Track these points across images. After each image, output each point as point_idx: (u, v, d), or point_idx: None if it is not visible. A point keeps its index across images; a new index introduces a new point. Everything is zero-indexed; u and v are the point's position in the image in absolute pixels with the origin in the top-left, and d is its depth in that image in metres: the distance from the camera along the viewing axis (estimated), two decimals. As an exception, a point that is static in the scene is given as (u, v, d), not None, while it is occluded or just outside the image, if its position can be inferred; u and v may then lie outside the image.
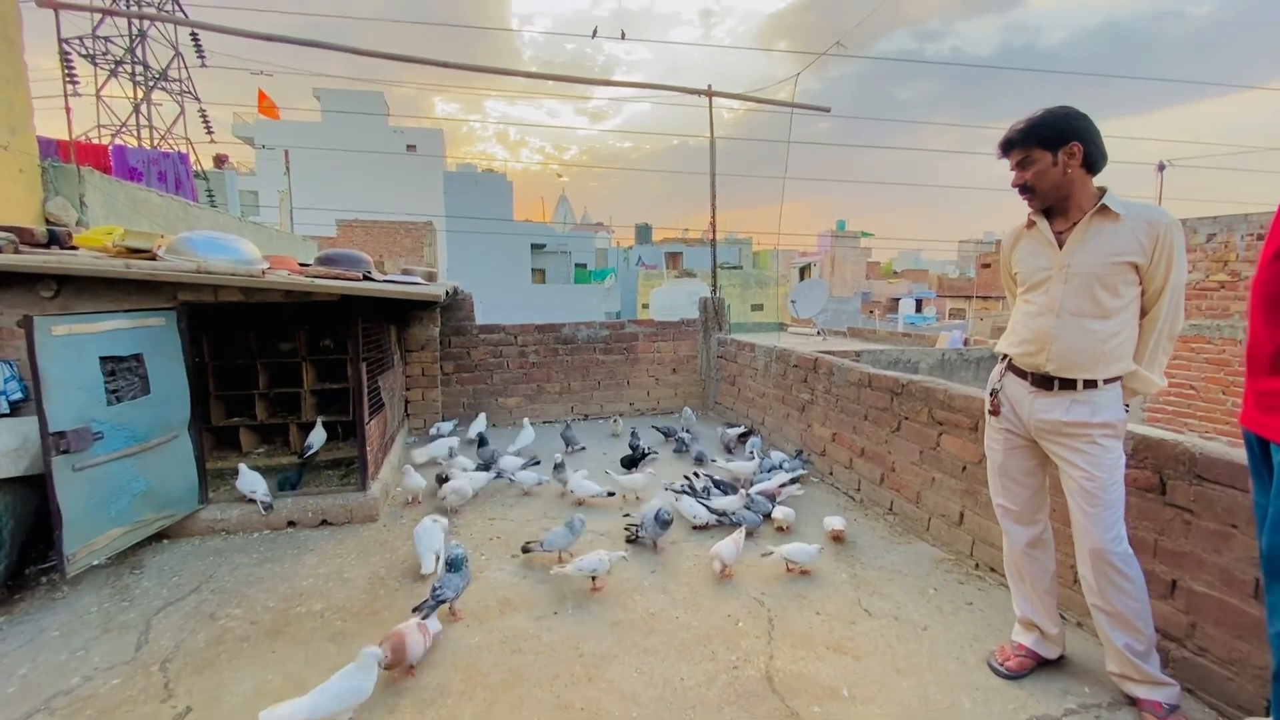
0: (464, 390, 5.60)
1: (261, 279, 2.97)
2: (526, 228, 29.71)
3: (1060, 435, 2.00)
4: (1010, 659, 2.18)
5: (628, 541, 3.18)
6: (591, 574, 2.70)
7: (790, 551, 2.84)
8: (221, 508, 3.36)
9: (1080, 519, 1.97)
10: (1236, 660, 1.92)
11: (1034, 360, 2.03)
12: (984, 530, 2.90)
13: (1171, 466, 2.10)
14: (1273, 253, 1.10)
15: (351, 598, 2.69)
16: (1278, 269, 1.08)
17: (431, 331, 5.28)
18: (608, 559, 2.71)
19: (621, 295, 28.60)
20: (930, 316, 36.91)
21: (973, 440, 2.95)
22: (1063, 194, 1.98)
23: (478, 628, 2.47)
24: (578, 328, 5.78)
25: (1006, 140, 2.02)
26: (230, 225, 8.20)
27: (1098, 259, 1.92)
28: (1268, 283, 1.11)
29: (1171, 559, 2.10)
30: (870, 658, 2.26)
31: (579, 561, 2.70)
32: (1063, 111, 1.95)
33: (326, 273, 3.21)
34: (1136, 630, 1.94)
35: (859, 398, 3.78)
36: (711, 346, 5.83)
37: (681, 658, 2.27)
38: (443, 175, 29.14)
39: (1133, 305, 1.94)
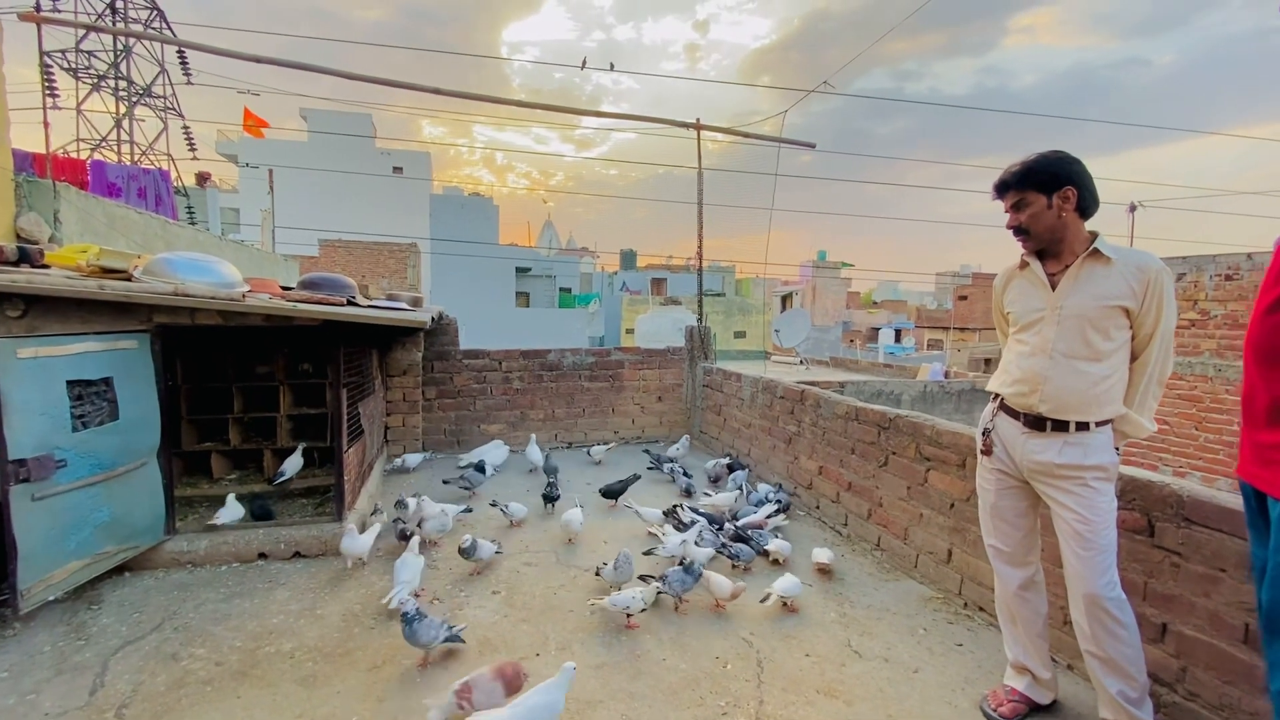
0: (446, 416, 5.50)
1: (242, 303, 2.89)
2: (512, 251, 29.75)
3: (1053, 477, 2.00)
4: (1004, 705, 2.14)
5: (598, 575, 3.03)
6: (626, 610, 2.64)
7: (787, 588, 2.80)
8: (189, 538, 3.22)
9: (1074, 562, 1.96)
10: (1227, 705, 1.91)
11: (1027, 401, 2.03)
12: (973, 569, 2.88)
13: (1159, 509, 2.10)
14: (1267, 305, 1.11)
15: (324, 636, 2.58)
16: (1272, 323, 1.09)
17: (414, 356, 5.20)
18: (641, 595, 2.66)
19: (605, 321, 28.64)
20: (909, 347, 37.44)
21: (961, 477, 2.95)
22: (1056, 237, 2.01)
23: (458, 669, 2.36)
24: (563, 354, 5.74)
25: (1002, 182, 2.05)
26: (210, 244, 8.07)
27: (1090, 302, 1.94)
28: (1262, 336, 1.11)
29: (1161, 602, 2.09)
30: (862, 703, 2.21)
31: (614, 597, 2.65)
32: (1057, 156, 1.99)
33: (309, 297, 3.14)
34: (1130, 677, 1.92)
35: (846, 431, 3.77)
36: (697, 375, 5.82)
37: (669, 703, 2.19)
38: (429, 197, 29.18)
39: (1123, 349, 1.96)
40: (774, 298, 40.05)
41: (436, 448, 5.47)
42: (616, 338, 28.48)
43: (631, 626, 2.67)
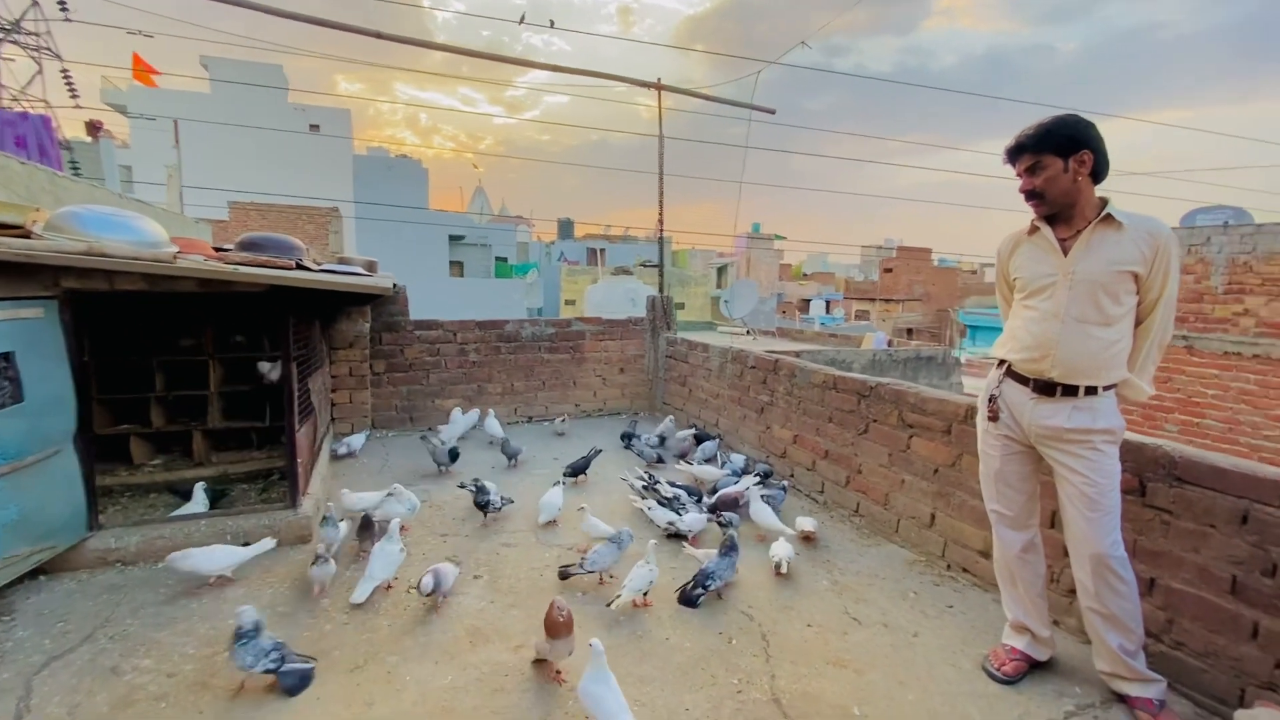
0: (397, 391, 5.16)
1: (173, 265, 2.52)
2: (444, 218, 28.41)
3: (1061, 442, 2.01)
4: (1006, 664, 2.19)
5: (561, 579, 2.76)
6: (644, 593, 2.54)
7: (783, 553, 2.78)
8: (117, 534, 2.85)
9: (1081, 524, 1.99)
10: (1212, 653, 2.01)
11: (1038, 366, 2.03)
12: (956, 532, 2.94)
13: (1151, 469, 2.17)
14: None
15: (293, 637, 2.33)
16: None
17: (361, 327, 4.82)
18: (650, 573, 2.54)
19: (544, 291, 28.03)
20: (839, 317, 38.86)
21: (945, 443, 2.99)
22: (1070, 201, 1.98)
23: (448, 665, 2.20)
24: (522, 325, 5.48)
25: (1018, 145, 2.00)
26: (108, 202, 7.17)
27: (1102, 267, 1.93)
28: None
29: (1150, 558, 2.17)
30: (871, 670, 2.21)
31: (629, 584, 2.51)
32: (1074, 119, 1.95)
33: (253, 260, 2.78)
34: (1130, 631, 1.98)
35: (824, 399, 3.77)
36: (660, 346, 5.71)
37: (681, 684, 2.11)
38: (351, 158, 27.38)
39: (1131, 314, 1.98)
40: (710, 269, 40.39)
41: (388, 425, 5.13)
42: (556, 309, 27.97)
43: (647, 604, 2.59)
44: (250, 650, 1.98)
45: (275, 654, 2.00)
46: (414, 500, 3.30)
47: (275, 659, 2.00)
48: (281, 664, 2.01)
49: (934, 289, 38.79)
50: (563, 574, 2.69)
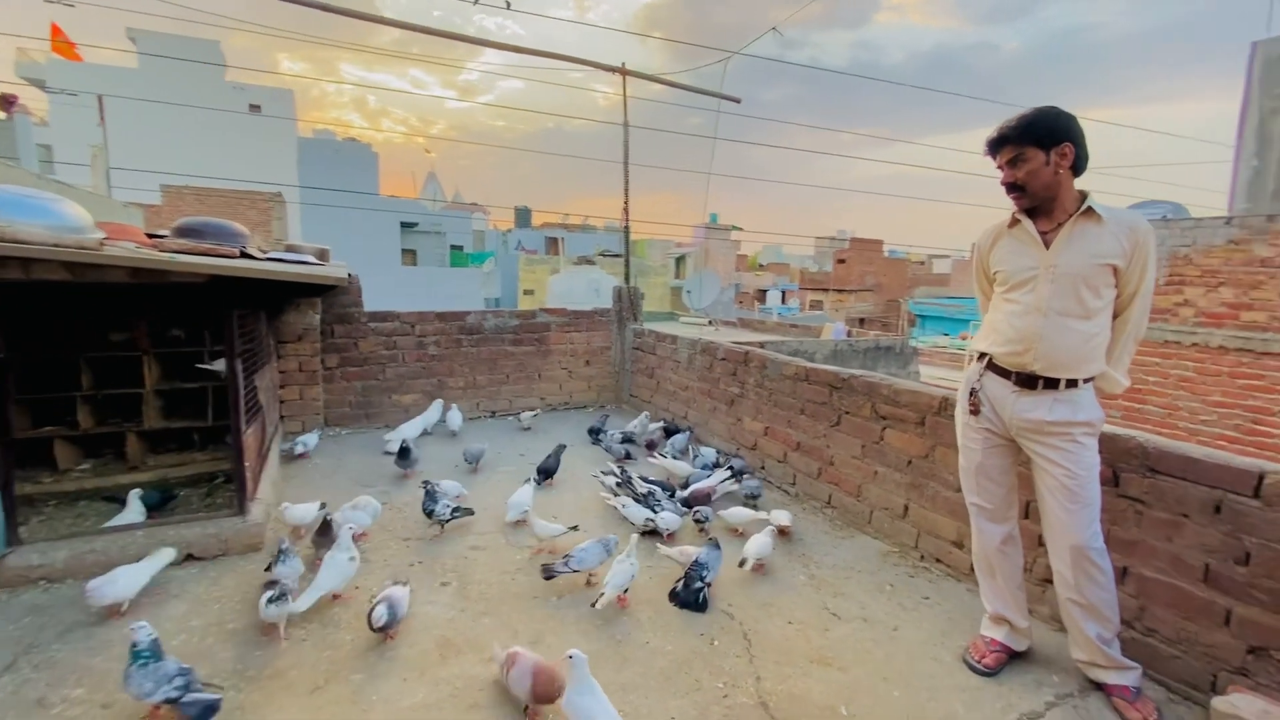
0: (351, 387, 4.91)
1: (100, 253, 2.27)
2: (396, 204, 27.49)
3: (1042, 434, 2.01)
4: (986, 655, 2.19)
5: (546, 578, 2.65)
6: (625, 590, 2.49)
7: (759, 550, 2.74)
8: (41, 549, 2.59)
9: (1061, 516, 2.00)
10: (1184, 640, 2.05)
11: (1020, 360, 2.02)
12: (929, 523, 2.96)
13: (1125, 460, 2.20)
14: None
15: (244, 657, 2.16)
16: None
17: (311, 319, 4.56)
18: (630, 568, 2.48)
19: (502, 281, 27.48)
20: (794, 307, 39.49)
21: (919, 435, 3.00)
22: (1051, 194, 1.97)
23: (418, 681, 2.07)
24: (484, 316, 5.29)
25: (1000, 137, 1.98)
26: (25, 183, 6.59)
27: (1083, 260, 1.93)
28: None
29: (1123, 547, 2.20)
30: (855, 668, 2.18)
31: (611, 580, 2.44)
32: (1055, 112, 1.94)
33: (193, 248, 2.55)
34: (1107, 620, 2.01)
35: (795, 391, 3.75)
36: (627, 338, 5.61)
37: (665, 690, 2.04)
38: (296, 141, 26.18)
39: (1109, 307, 1.99)
40: (668, 259, 40.41)
41: (341, 422, 4.89)
42: (514, 299, 27.50)
43: (624, 603, 2.51)
44: (149, 675, 1.76)
45: (180, 680, 1.78)
46: (376, 506, 3.13)
47: (179, 686, 1.77)
48: (185, 692, 1.78)
49: (885, 280, 39.80)
50: (547, 574, 2.59)
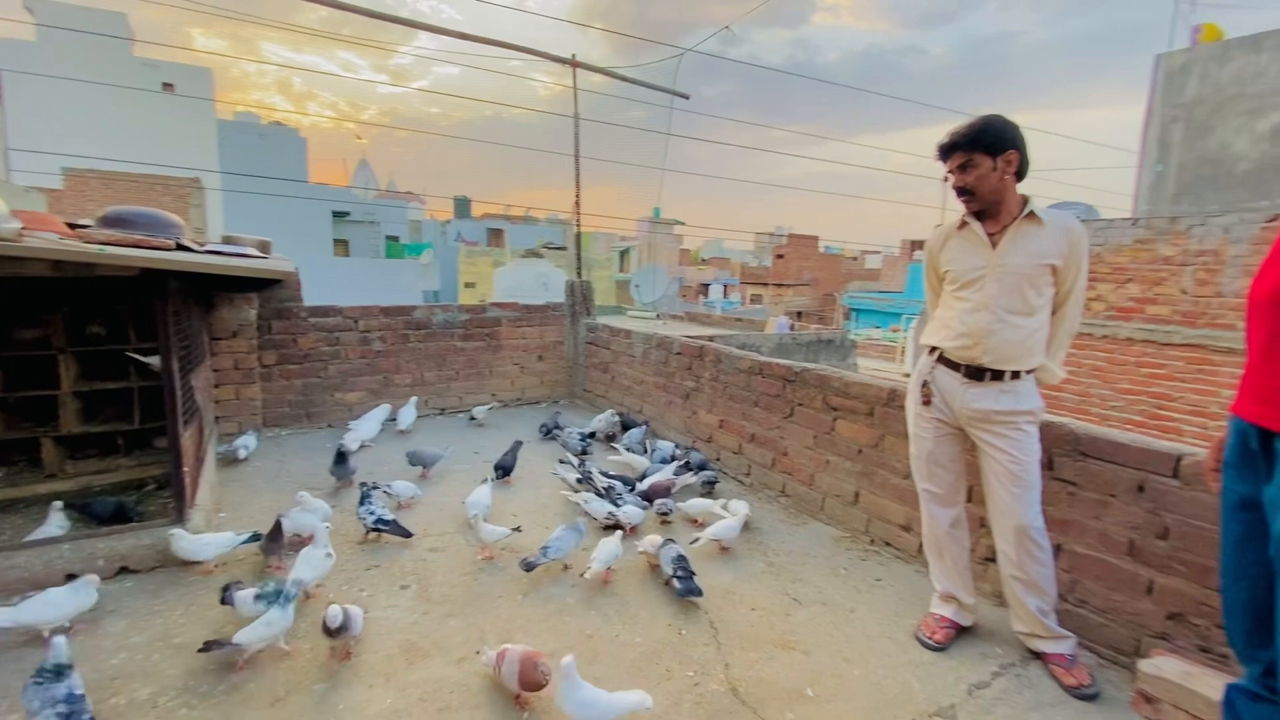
0: (291, 385, 4.69)
1: (19, 244, 2.09)
2: (326, 192, 26.27)
3: (989, 423, 2.15)
4: (937, 632, 2.33)
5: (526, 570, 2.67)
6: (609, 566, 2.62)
7: (719, 531, 2.81)
8: (-50, 568, 2.36)
9: (1006, 499, 2.14)
10: (1112, 609, 2.24)
11: (970, 353, 2.15)
12: (879, 508, 3.10)
13: (1058, 445, 2.37)
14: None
15: (194, 672, 2.04)
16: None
17: (247, 315, 4.31)
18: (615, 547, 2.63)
19: (441, 273, 26.72)
20: (736, 301, 40.23)
21: (868, 425, 3.13)
22: (997, 198, 2.10)
23: (385, 687, 2.01)
24: (432, 311, 5.14)
25: (951, 143, 2.09)
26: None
27: (1027, 260, 2.07)
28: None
29: (1057, 526, 2.37)
30: (817, 650, 2.27)
31: (599, 555, 2.60)
32: (1002, 121, 2.06)
33: (123, 239, 2.37)
34: (1045, 594, 2.17)
35: (750, 384, 3.84)
36: (580, 332, 5.58)
37: (638, 682, 2.06)
38: (215, 124, 24.57)
39: (1049, 304, 2.14)
40: (612, 252, 40.35)
41: (281, 422, 4.66)
42: (454, 292, 26.81)
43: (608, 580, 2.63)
44: (40, 695, 1.68)
45: (64, 707, 1.67)
46: (326, 508, 3.02)
47: (62, 713, 1.66)
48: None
49: (821, 275, 41.06)
50: (527, 566, 2.60)
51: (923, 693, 2.06)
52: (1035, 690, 2.08)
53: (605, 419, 4.66)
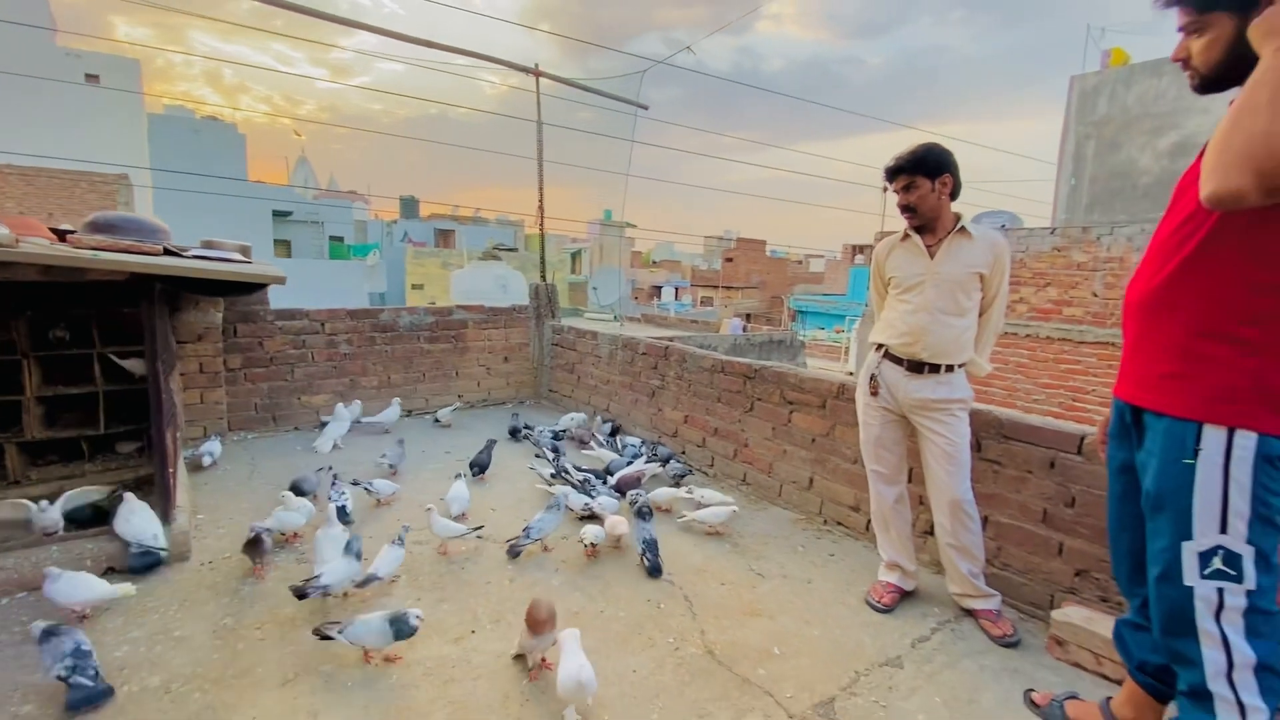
0: (256, 389, 4.67)
1: (18, 250, 2.13)
2: (267, 190, 25.31)
3: (928, 410, 2.46)
4: (884, 596, 2.63)
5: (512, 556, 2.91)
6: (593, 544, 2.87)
7: (707, 515, 3.11)
8: (-67, 572, 2.36)
9: (942, 476, 2.46)
10: (1030, 570, 2.60)
11: (911, 349, 2.46)
12: (832, 492, 3.41)
13: (985, 430, 2.72)
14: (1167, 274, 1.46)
15: (201, 660, 2.14)
16: (1162, 285, 1.46)
17: (213, 318, 4.30)
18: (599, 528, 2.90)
19: (388, 274, 26.16)
20: (687, 303, 40.85)
21: (821, 416, 3.44)
22: (935, 215, 2.42)
23: (389, 665, 2.16)
24: (399, 314, 5.21)
25: (897, 167, 2.40)
26: None
27: (959, 269, 2.40)
28: (1151, 295, 1.49)
29: (984, 500, 2.71)
30: (782, 616, 2.54)
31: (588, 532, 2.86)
32: (939, 149, 2.38)
33: (112, 245, 2.42)
34: (975, 559, 2.50)
35: (713, 382, 4.10)
36: (545, 334, 5.75)
37: (624, 650, 2.28)
38: (144, 117, 23.37)
39: (976, 306, 2.47)
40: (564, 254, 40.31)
41: (247, 426, 4.64)
42: (401, 294, 26.28)
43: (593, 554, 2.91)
44: (49, 651, 1.89)
45: (71, 661, 1.88)
46: (309, 507, 3.10)
47: (68, 667, 1.86)
48: (73, 674, 1.86)
49: (768, 278, 42.15)
50: (513, 551, 2.81)
51: (873, 647, 2.35)
52: (967, 641, 2.40)
53: (572, 419, 4.84)
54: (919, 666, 2.25)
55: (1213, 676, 1.40)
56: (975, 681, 2.17)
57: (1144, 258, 1.56)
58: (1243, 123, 1.16)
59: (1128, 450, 1.63)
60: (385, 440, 4.46)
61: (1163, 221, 1.53)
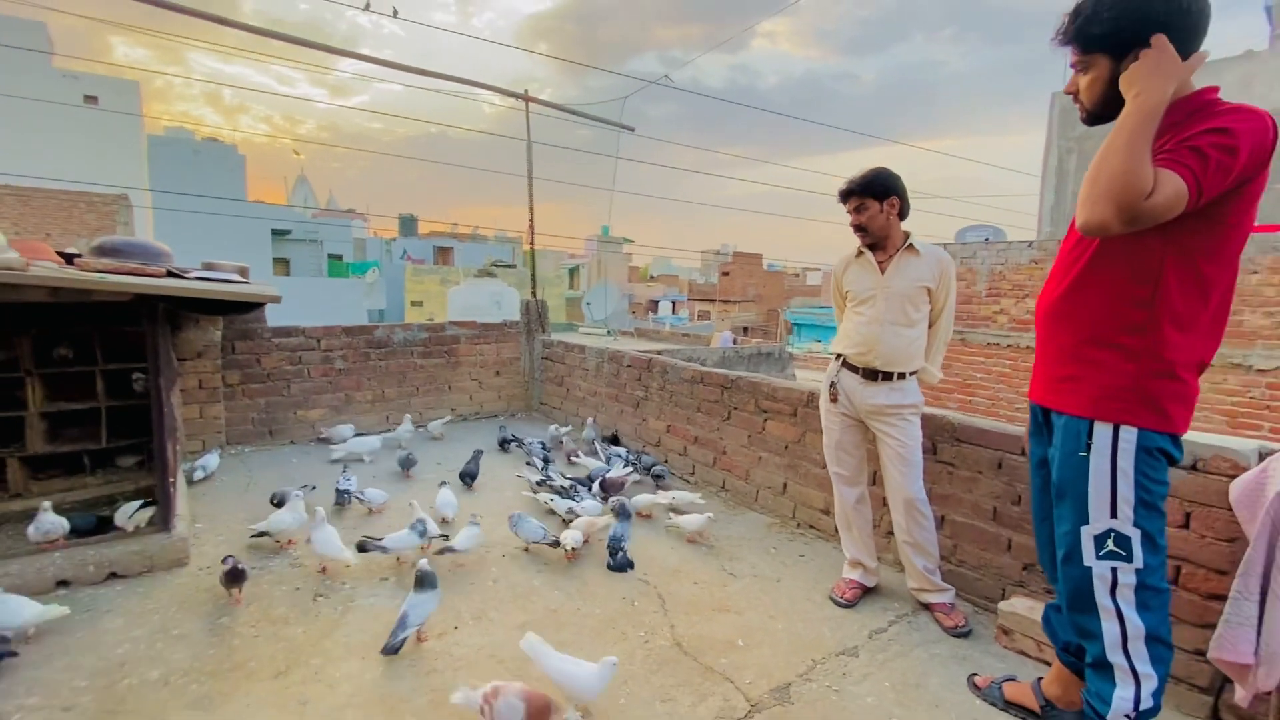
0: (254, 404, 4.83)
1: (25, 274, 2.31)
2: (266, 210, 25.61)
3: (883, 415, 2.63)
4: (846, 592, 2.78)
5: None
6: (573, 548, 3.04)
7: (687, 522, 3.29)
8: (-56, 577, 2.51)
9: (896, 477, 2.62)
10: (983, 565, 2.75)
11: (865, 359, 2.63)
12: (804, 496, 3.56)
13: (940, 434, 2.88)
14: (1066, 286, 1.64)
15: (198, 655, 2.28)
16: (1062, 297, 1.64)
17: (212, 336, 4.47)
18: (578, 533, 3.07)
19: (387, 291, 26.38)
20: (684, 317, 41.12)
21: (793, 424, 3.60)
22: (884, 234, 2.61)
23: (375, 660, 2.29)
24: (393, 330, 5.38)
25: (848, 190, 2.59)
26: None
27: (908, 283, 2.58)
28: (1052, 306, 1.67)
29: (940, 500, 2.88)
30: (749, 612, 2.69)
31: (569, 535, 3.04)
32: (886, 172, 2.57)
33: (118, 267, 2.60)
34: (930, 555, 2.66)
35: (693, 392, 4.27)
36: (535, 348, 5.92)
37: (597, 643, 2.42)
38: (143, 139, 23.72)
39: (925, 318, 2.64)
40: (561, 270, 40.63)
41: (244, 440, 4.80)
42: (400, 311, 26.50)
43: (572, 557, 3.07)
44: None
45: None
46: (302, 515, 3.25)
47: None
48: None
49: (765, 291, 42.45)
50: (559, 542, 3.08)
51: (833, 638, 2.50)
52: (922, 633, 2.55)
53: (553, 431, 4.99)
54: (873, 655, 2.39)
55: (1110, 647, 1.55)
56: (925, 668, 2.31)
57: (1049, 274, 1.74)
58: (1105, 161, 1.35)
59: (1043, 447, 1.79)
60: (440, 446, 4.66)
61: (1063, 241, 1.71)
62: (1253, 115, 1.34)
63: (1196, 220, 1.39)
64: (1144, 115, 1.33)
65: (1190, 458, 2.04)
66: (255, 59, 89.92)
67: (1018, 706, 2.05)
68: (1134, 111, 1.35)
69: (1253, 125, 1.33)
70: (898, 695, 2.16)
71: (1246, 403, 6.31)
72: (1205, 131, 1.33)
